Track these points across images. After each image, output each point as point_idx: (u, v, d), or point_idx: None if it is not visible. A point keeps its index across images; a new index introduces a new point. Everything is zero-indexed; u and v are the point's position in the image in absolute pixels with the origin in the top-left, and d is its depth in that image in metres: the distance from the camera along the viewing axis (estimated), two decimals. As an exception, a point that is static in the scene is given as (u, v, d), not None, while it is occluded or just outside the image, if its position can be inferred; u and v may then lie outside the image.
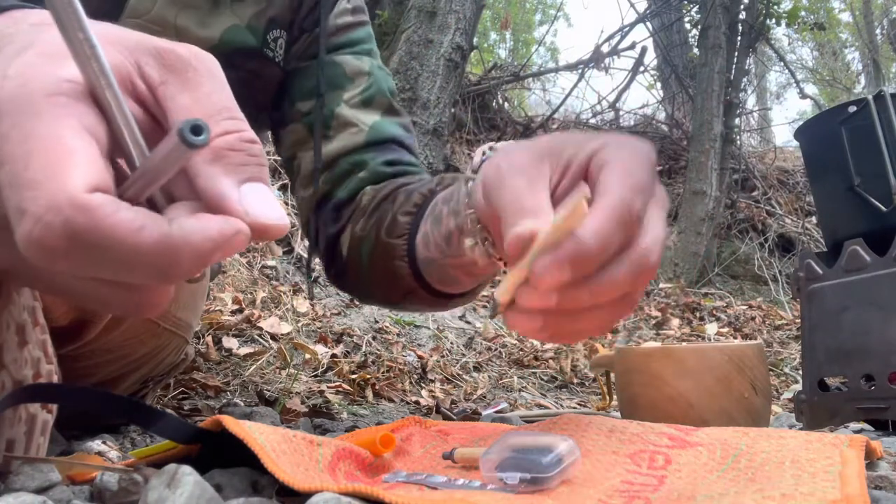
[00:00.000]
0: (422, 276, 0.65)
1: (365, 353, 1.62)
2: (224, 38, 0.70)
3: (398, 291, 0.68)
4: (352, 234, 0.74)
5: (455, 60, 3.11)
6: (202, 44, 0.69)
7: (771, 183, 4.35)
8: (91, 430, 0.74)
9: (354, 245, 0.73)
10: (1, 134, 0.24)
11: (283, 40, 0.76)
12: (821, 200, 1.18)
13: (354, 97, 0.78)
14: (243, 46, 0.71)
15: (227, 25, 0.70)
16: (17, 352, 0.35)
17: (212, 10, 0.69)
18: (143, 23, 0.65)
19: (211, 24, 0.69)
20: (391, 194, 0.72)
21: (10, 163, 0.24)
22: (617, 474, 0.43)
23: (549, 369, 1.92)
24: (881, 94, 1.03)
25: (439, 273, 0.62)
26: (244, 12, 0.72)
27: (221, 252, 0.26)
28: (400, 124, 0.80)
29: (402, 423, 0.57)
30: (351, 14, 0.82)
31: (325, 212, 0.77)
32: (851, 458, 0.40)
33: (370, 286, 0.74)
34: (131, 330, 0.73)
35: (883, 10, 8.27)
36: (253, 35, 0.72)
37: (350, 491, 0.34)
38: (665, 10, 5.44)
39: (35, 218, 0.23)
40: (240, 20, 0.71)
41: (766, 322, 2.85)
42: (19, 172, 0.24)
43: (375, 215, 0.71)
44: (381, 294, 0.73)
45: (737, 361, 0.71)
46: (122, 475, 0.35)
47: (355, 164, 0.76)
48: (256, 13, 0.73)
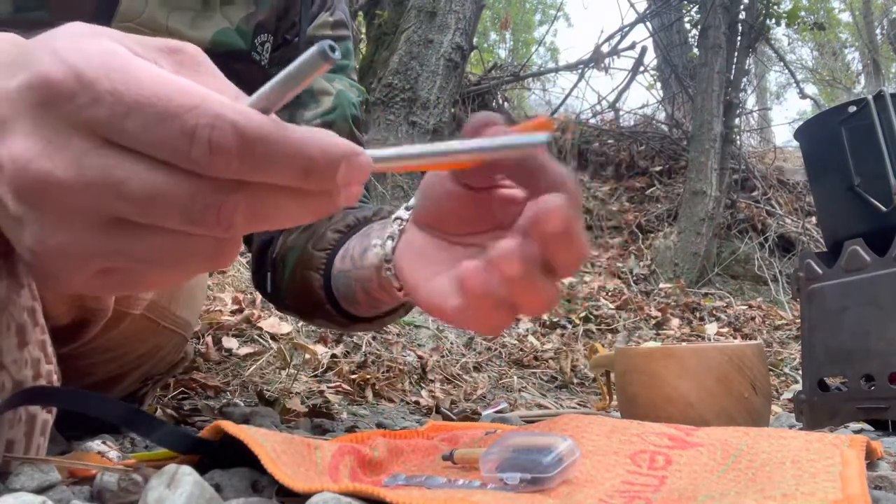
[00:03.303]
0: (332, 291, 0.67)
1: (365, 353, 1.62)
2: (215, 39, 0.70)
3: (309, 303, 0.70)
4: (283, 242, 0.76)
5: (455, 60, 3.11)
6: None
7: (771, 183, 4.34)
8: (91, 430, 0.74)
9: (282, 253, 0.76)
10: (111, 90, 0.25)
11: (269, 44, 0.77)
12: (821, 200, 1.18)
13: (315, 118, 0.79)
14: (233, 48, 0.72)
15: (218, 28, 0.71)
16: (16, 352, 0.35)
17: (202, 12, 0.70)
18: (135, 25, 0.65)
19: (202, 26, 0.69)
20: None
21: (145, 105, 0.25)
22: (617, 474, 0.43)
23: (549, 369, 1.92)
24: (881, 94, 1.03)
25: (344, 287, 0.64)
26: (234, 15, 0.72)
27: (348, 164, 0.27)
28: None
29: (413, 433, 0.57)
30: (331, 28, 0.83)
31: None
32: (852, 459, 0.40)
33: (287, 295, 0.76)
34: (131, 329, 0.73)
35: (883, 10, 8.26)
36: (242, 38, 0.73)
37: (350, 491, 0.34)
38: (665, 10, 5.44)
39: (209, 127, 0.25)
40: (230, 23, 0.72)
41: (766, 322, 2.85)
42: (165, 106, 0.25)
43: (311, 229, 0.73)
44: (294, 304, 0.75)
45: (737, 361, 0.71)
46: (122, 475, 0.35)
47: None
48: (246, 17, 0.73)
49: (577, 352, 2.05)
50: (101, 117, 0.25)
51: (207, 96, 0.25)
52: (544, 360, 1.98)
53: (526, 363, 1.93)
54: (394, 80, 3.02)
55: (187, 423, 0.95)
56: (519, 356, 1.96)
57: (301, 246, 0.72)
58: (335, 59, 0.26)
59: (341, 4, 0.85)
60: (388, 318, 0.71)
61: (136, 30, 0.65)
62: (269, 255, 0.78)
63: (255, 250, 0.80)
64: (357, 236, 0.65)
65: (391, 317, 0.70)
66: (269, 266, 0.78)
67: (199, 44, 0.29)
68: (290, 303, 0.77)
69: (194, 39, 0.69)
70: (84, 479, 0.40)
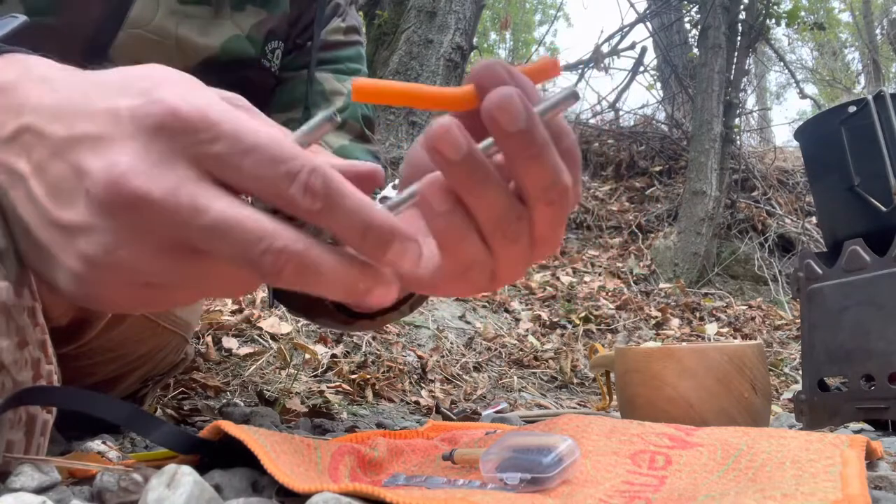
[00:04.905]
0: None
1: (365, 353, 1.62)
2: (224, 47, 0.70)
3: (309, 300, 0.70)
4: None
5: (455, 60, 3.11)
6: (202, 52, 0.69)
7: (771, 183, 4.34)
8: (91, 430, 0.74)
9: None
10: (232, 132, 0.29)
11: (280, 51, 0.77)
12: (821, 200, 1.18)
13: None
14: (243, 56, 0.72)
15: (228, 35, 0.71)
16: (16, 353, 0.35)
17: (212, 19, 0.70)
18: (144, 32, 0.65)
19: (211, 34, 0.69)
20: None
21: (262, 149, 0.29)
22: (617, 474, 0.43)
23: (549, 369, 1.92)
24: (881, 94, 1.03)
25: None
26: (244, 22, 0.72)
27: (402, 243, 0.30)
28: (368, 151, 0.80)
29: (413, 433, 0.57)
30: (343, 33, 0.83)
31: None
32: (852, 459, 0.40)
33: (293, 295, 0.75)
34: (131, 329, 0.73)
35: (883, 10, 8.27)
36: (252, 45, 0.73)
37: (350, 491, 0.34)
38: (665, 10, 5.44)
39: (309, 172, 0.29)
40: (240, 30, 0.72)
41: (766, 322, 2.85)
42: (279, 153, 0.29)
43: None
44: (299, 302, 0.76)
45: (737, 361, 0.71)
46: (122, 475, 0.35)
47: None
48: (256, 24, 0.73)
49: (577, 352, 2.05)
50: (218, 153, 0.29)
51: (306, 152, 0.30)
52: (544, 360, 1.98)
53: (526, 363, 1.93)
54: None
55: (187, 423, 0.95)
56: (519, 356, 1.96)
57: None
58: (337, 122, 0.32)
59: (352, 10, 0.85)
60: (390, 316, 0.70)
61: (145, 36, 0.65)
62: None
63: None
64: None
65: (395, 314, 0.70)
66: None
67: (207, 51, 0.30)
68: (295, 303, 0.76)
69: (203, 47, 0.69)
70: (84, 479, 0.40)
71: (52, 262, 0.32)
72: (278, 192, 0.29)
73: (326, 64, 0.81)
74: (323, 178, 0.29)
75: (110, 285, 0.31)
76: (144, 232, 0.29)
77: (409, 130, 2.98)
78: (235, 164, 0.29)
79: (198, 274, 0.31)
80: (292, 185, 0.29)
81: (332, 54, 0.82)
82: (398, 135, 2.95)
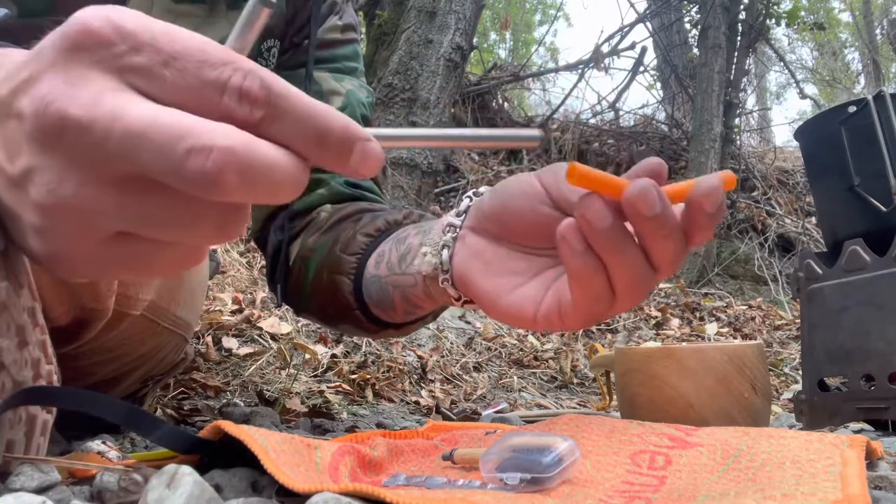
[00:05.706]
0: (361, 296, 0.66)
1: (365, 353, 1.62)
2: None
3: (334, 306, 0.69)
4: (303, 244, 0.75)
5: (455, 60, 3.11)
6: None
7: (771, 183, 4.35)
8: (91, 430, 0.74)
9: (303, 256, 0.75)
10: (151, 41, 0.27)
11: (276, 50, 0.77)
12: (821, 200, 1.18)
13: None
14: None
15: (224, 34, 0.71)
16: (16, 353, 0.35)
17: (207, 18, 0.70)
18: None
19: (207, 32, 0.69)
20: (354, 214, 0.74)
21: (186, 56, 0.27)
22: (617, 474, 0.43)
23: (549, 369, 1.92)
24: (881, 94, 1.03)
25: (379, 293, 0.64)
26: None
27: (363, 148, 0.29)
28: None
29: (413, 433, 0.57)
30: (340, 31, 0.83)
31: (278, 219, 0.78)
32: (852, 459, 0.40)
33: (309, 298, 0.75)
34: (130, 329, 0.73)
35: (883, 10, 8.26)
36: None
37: (350, 491, 0.34)
38: (665, 11, 5.44)
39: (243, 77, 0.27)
40: None
41: (766, 322, 2.85)
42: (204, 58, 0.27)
43: (333, 232, 0.72)
44: (318, 307, 0.74)
45: (737, 361, 0.71)
46: (122, 475, 0.35)
47: (315, 182, 0.77)
48: None
49: (577, 352, 2.05)
50: (138, 64, 0.27)
51: (239, 56, 0.28)
52: (544, 360, 1.98)
53: (526, 363, 1.93)
54: (394, 80, 3.02)
55: (187, 423, 0.95)
56: (519, 356, 1.96)
57: (325, 249, 0.71)
58: (272, 4, 0.30)
59: (349, 8, 0.85)
60: (417, 325, 0.70)
61: None
62: (285, 255, 0.77)
63: (269, 252, 0.79)
64: (390, 240, 0.64)
65: (420, 323, 0.69)
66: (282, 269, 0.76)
67: None
68: (313, 307, 0.75)
69: None
70: (84, 479, 0.40)
71: (19, 224, 0.31)
72: (211, 104, 0.27)
73: (323, 62, 0.81)
74: (261, 80, 0.27)
75: (71, 237, 0.29)
76: (81, 162, 0.27)
77: (409, 130, 2.98)
78: (159, 75, 0.27)
79: (158, 207, 0.28)
80: (225, 93, 0.27)
81: (328, 53, 0.82)
82: (398, 135, 2.96)
